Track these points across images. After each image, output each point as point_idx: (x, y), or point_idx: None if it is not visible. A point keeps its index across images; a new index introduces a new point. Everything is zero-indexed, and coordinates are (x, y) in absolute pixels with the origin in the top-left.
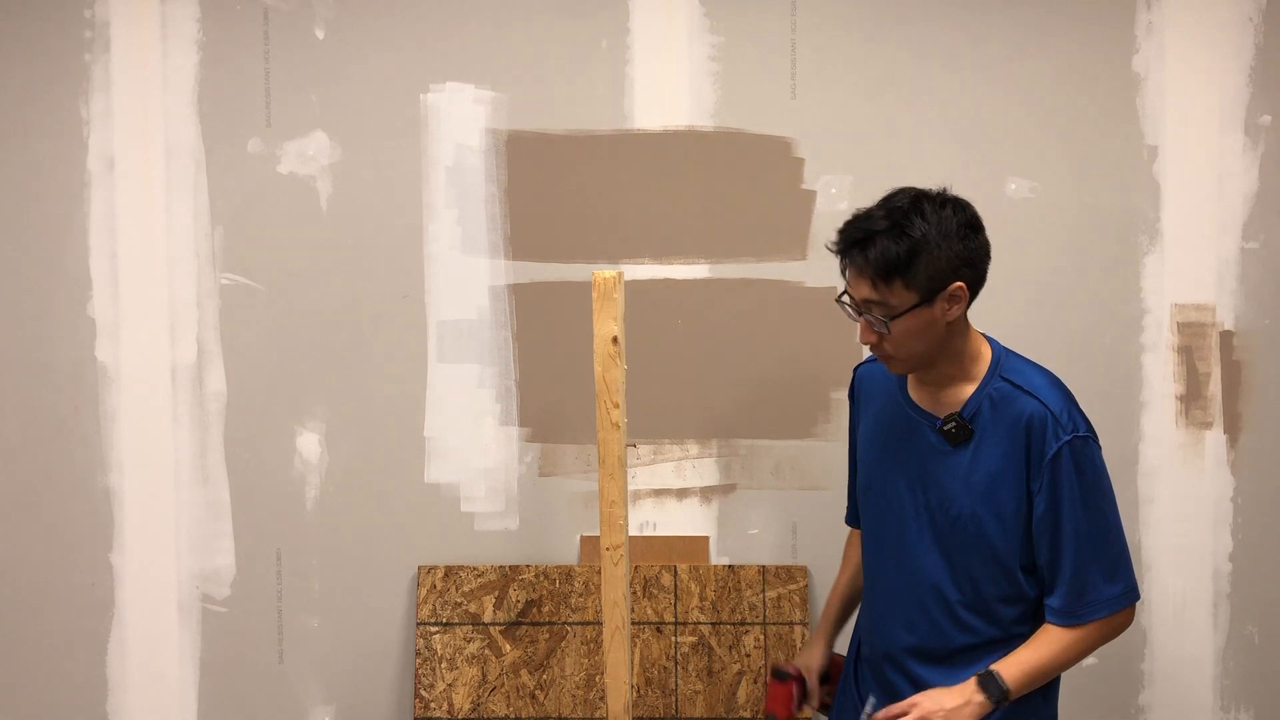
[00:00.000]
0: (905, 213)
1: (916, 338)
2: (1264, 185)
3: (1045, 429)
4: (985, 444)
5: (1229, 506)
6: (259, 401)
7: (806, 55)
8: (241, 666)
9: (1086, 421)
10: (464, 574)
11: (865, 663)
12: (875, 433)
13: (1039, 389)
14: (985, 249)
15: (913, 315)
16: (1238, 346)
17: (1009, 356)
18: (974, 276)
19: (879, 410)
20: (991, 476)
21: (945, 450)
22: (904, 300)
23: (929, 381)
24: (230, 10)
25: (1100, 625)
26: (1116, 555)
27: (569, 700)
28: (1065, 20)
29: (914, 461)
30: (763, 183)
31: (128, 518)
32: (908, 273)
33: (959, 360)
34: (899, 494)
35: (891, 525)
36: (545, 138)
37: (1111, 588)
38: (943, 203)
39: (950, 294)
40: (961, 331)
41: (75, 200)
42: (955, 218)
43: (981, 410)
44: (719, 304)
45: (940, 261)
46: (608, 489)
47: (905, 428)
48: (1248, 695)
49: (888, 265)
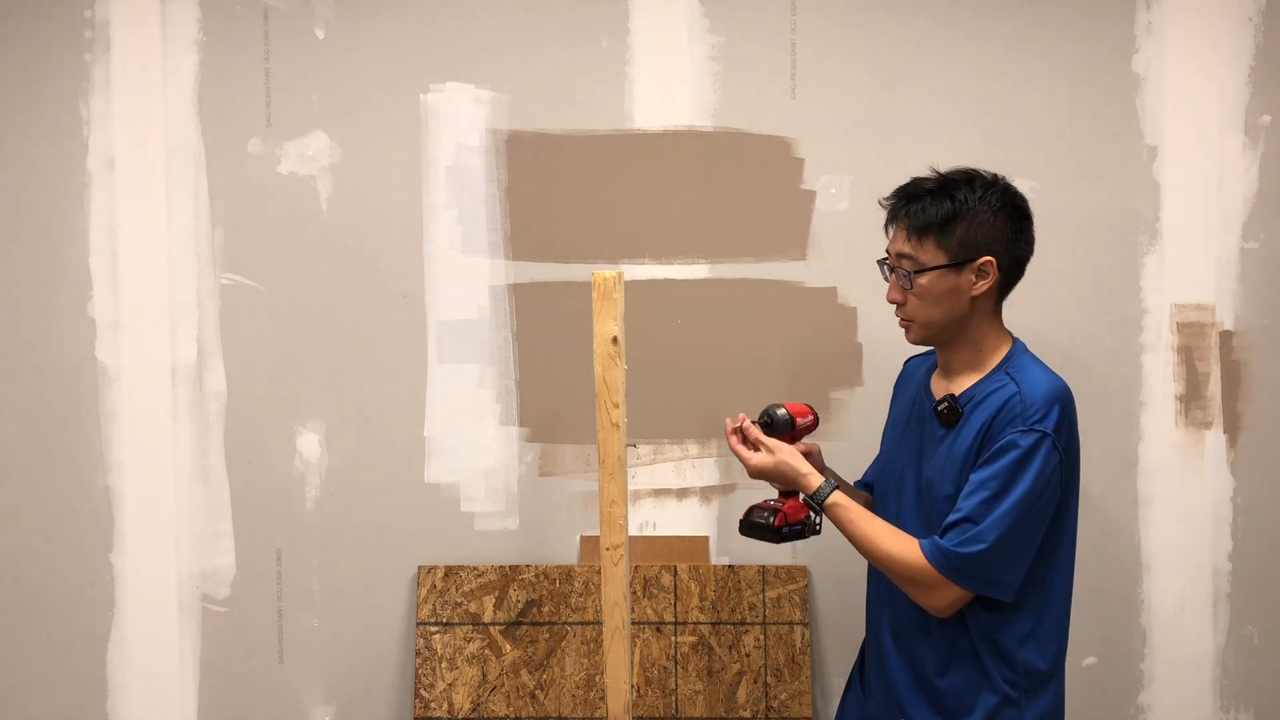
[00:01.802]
0: (956, 182)
1: (937, 302)
2: (1264, 185)
3: (1011, 414)
4: (966, 428)
5: (1229, 506)
6: (259, 401)
7: (806, 55)
8: (241, 666)
9: (1058, 423)
10: (464, 574)
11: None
12: (899, 421)
13: (1026, 380)
14: (1027, 239)
15: (939, 275)
16: (1237, 346)
17: (1023, 355)
18: (1008, 260)
19: (908, 400)
20: (965, 458)
21: (939, 434)
22: (933, 258)
23: (945, 367)
24: (230, 10)
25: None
26: (983, 534)
27: (569, 700)
28: (1065, 20)
29: (921, 448)
30: (763, 183)
31: (128, 518)
32: (942, 233)
33: (976, 347)
34: (905, 479)
35: (892, 506)
36: (545, 138)
37: (955, 547)
38: (994, 183)
39: (979, 267)
40: (986, 317)
41: (75, 200)
42: (1001, 198)
43: (975, 397)
44: (719, 304)
45: (975, 231)
46: (608, 489)
47: (919, 414)
48: (1248, 695)
49: (926, 221)
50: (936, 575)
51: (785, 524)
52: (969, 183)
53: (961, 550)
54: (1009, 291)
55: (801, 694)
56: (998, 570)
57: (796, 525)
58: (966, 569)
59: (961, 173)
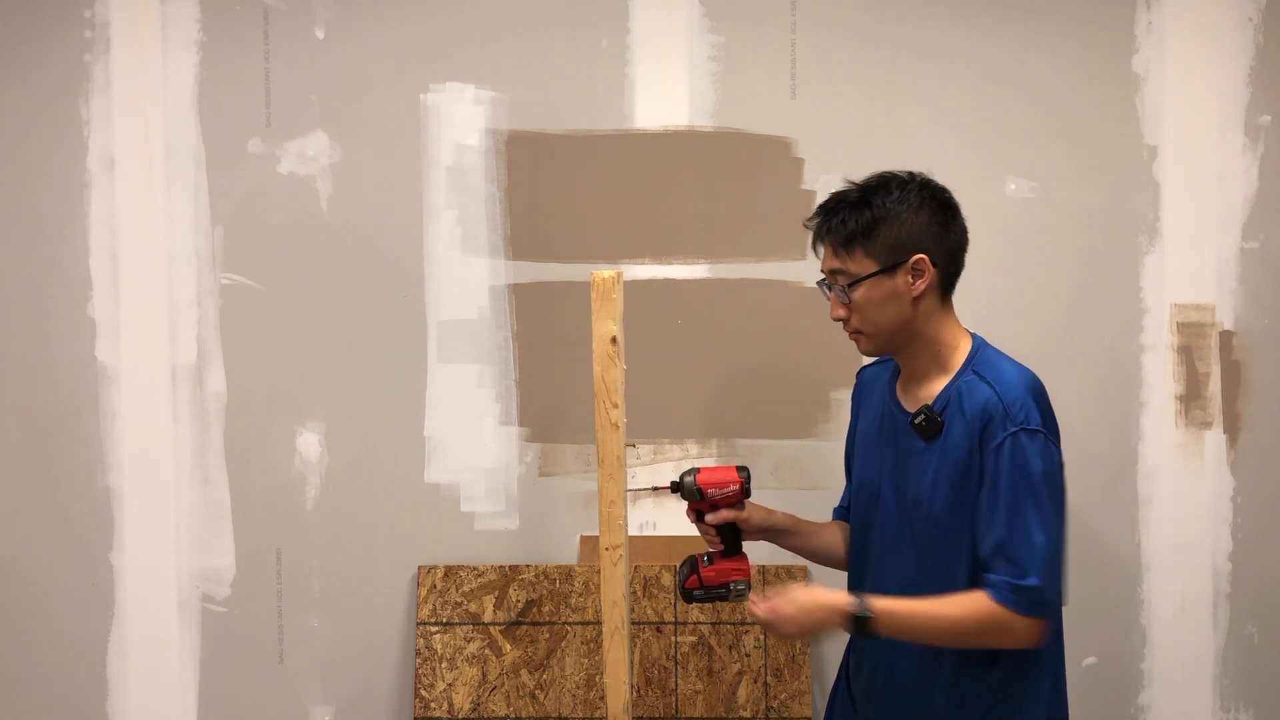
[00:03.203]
0: (873, 188)
1: (879, 309)
2: (1264, 185)
3: (994, 419)
4: (951, 437)
5: (1229, 506)
6: (259, 401)
7: (806, 55)
8: (241, 666)
9: (1044, 419)
10: (464, 574)
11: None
12: (868, 434)
13: (999, 380)
14: (956, 231)
15: (872, 283)
16: (1237, 346)
17: (986, 350)
18: (941, 254)
19: (873, 412)
20: (957, 471)
21: (919, 446)
22: (863, 267)
23: (908, 374)
24: (230, 10)
25: (992, 615)
26: (1031, 553)
27: (569, 700)
28: (1065, 20)
29: (896, 463)
30: (763, 183)
31: (128, 518)
32: (867, 240)
33: (934, 349)
34: (883, 496)
35: (874, 527)
36: (545, 138)
37: (1015, 579)
38: (910, 180)
39: (912, 266)
40: (935, 317)
41: (75, 200)
42: (920, 194)
43: (950, 403)
44: (719, 304)
45: (899, 231)
46: (607, 489)
47: (890, 427)
48: (1248, 695)
49: (848, 232)
50: (1013, 615)
51: (699, 586)
52: (884, 186)
53: (1025, 582)
54: (953, 286)
55: (801, 694)
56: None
57: (716, 590)
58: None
59: (876, 178)
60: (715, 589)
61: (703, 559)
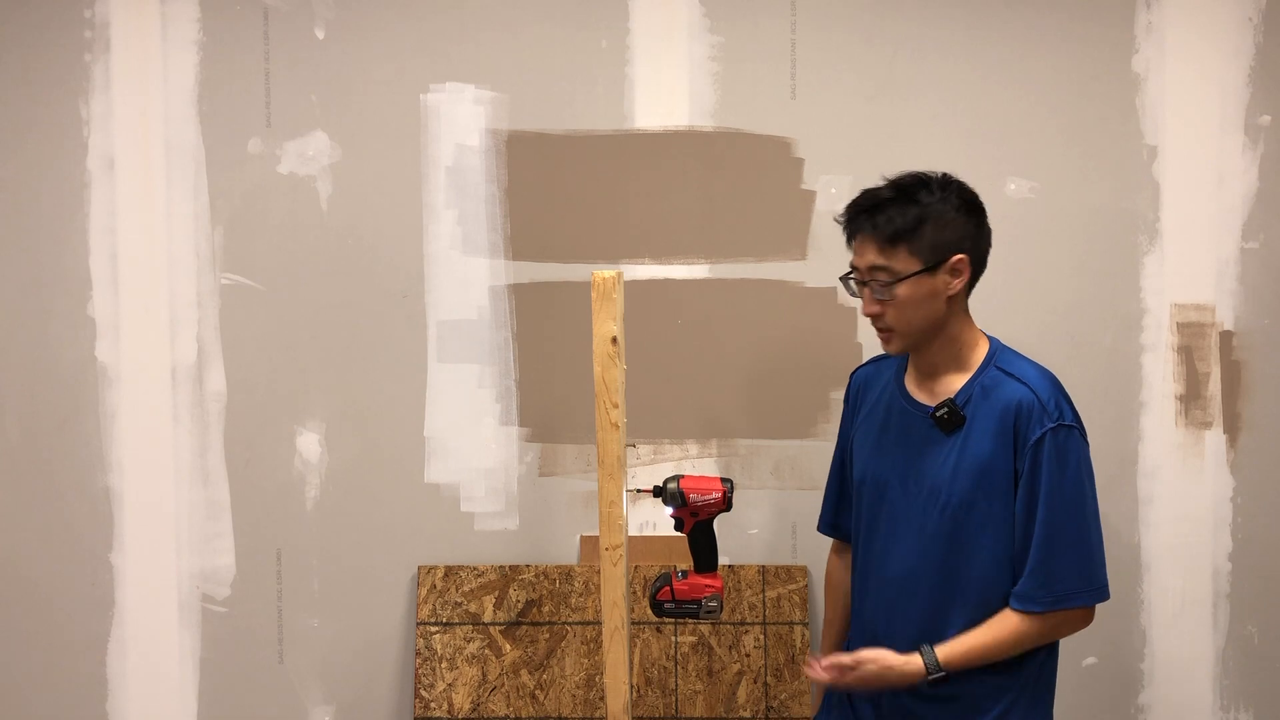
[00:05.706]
0: (912, 186)
1: (917, 308)
2: (1264, 185)
3: (1031, 414)
4: (975, 430)
5: (1229, 506)
6: (259, 401)
7: (806, 55)
8: (241, 666)
9: (1074, 413)
10: (464, 574)
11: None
12: (871, 431)
13: (1029, 378)
14: (987, 232)
15: (916, 282)
16: (1237, 346)
17: (1006, 351)
18: (976, 255)
19: (875, 409)
20: (982, 463)
21: (938, 439)
22: (908, 266)
23: (924, 371)
24: (230, 10)
25: (1058, 618)
26: (1088, 551)
27: (569, 700)
28: (1065, 20)
29: (908, 455)
30: (763, 183)
31: (128, 518)
32: (913, 239)
33: (954, 346)
34: (893, 490)
35: (884, 521)
36: (545, 138)
37: (1078, 582)
38: (946, 182)
39: (953, 266)
40: (960, 315)
41: (75, 200)
42: (958, 195)
43: (973, 397)
44: (719, 304)
45: (945, 231)
46: (607, 489)
47: (900, 422)
48: (1248, 695)
49: (895, 230)
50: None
51: (670, 599)
52: (925, 185)
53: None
54: (974, 286)
55: (801, 694)
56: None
57: (686, 605)
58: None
59: (911, 176)
60: (686, 604)
61: (676, 573)
